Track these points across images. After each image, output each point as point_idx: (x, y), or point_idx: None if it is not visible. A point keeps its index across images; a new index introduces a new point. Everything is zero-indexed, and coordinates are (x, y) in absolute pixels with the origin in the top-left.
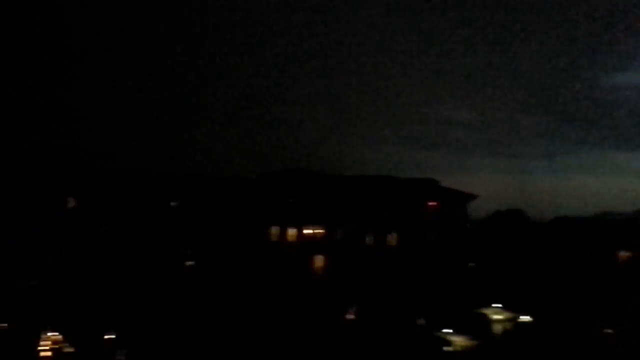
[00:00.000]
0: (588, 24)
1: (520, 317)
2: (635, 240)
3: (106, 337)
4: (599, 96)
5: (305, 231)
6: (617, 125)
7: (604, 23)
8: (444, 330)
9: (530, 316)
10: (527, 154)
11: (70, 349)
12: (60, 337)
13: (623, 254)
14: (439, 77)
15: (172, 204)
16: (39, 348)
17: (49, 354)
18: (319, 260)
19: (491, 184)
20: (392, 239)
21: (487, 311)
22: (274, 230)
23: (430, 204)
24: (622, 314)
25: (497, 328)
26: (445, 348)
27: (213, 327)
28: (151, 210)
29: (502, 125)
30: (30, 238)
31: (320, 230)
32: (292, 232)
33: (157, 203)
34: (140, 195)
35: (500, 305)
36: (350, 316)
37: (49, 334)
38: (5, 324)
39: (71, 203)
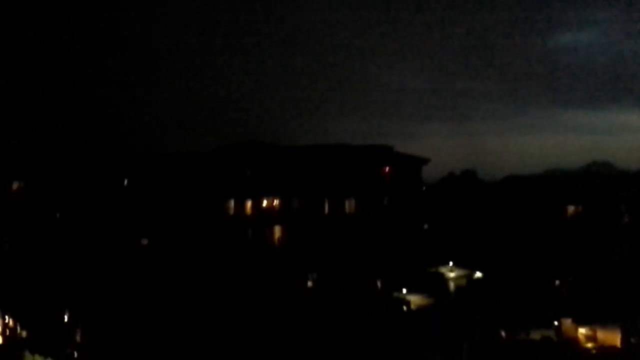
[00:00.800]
0: None
1: (474, 273)
2: (583, 195)
3: (61, 319)
4: (544, 57)
5: (262, 203)
6: (562, 84)
7: None
8: (402, 291)
9: (483, 272)
10: (477, 117)
11: (24, 333)
12: (12, 322)
13: (571, 209)
14: (388, 46)
15: (125, 183)
16: None
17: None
18: (277, 231)
19: (444, 147)
20: (349, 205)
21: (441, 269)
22: (231, 203)
23: (385, 169)
24: (570, 266)
25: (452, 285)
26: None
27: (172, 304)
28: (103, 191)
29: (452, 90)
30: None
31: (278, 201)
32: (249, 204)
33: (109, 183)
34: (90, 176)
35: (453, 263)
36: (310, 283)
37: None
38: None
39: (15, 185)
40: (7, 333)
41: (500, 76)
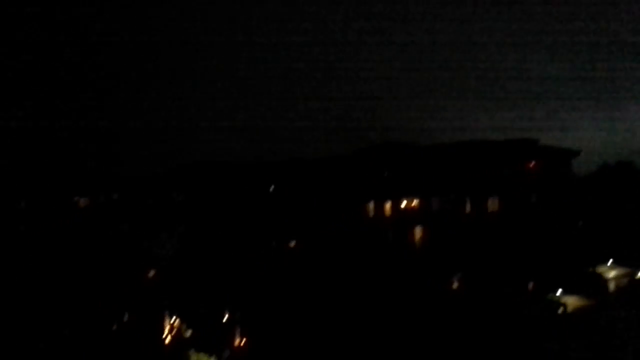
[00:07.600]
0: None
1: (638, 272)
2: None
3: (220, 320)
4: None
5: (401, 204)
6: None
7: None
8: (556, 293)
9: None
10: (628, 102)
11: (188, 333)
12: (178, 322)
13: None
14: (520, 32)
15: (270, 188)
16: None
17: None
18: (418, 232)
19: (595, 137)
20: (493, 204)
21: (600, 269)
22: (371, 205)
23: (531, 164)
24: None
25: (612, 286)
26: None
27: (322, 304)
28: (252, 198)
29: (599, 75)
30: None
31: (417, 202)
32: (388, 206)
33: (256, 190)
34: (237, 184)
35: (612, 262)
36: (455, 285)
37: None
38: None
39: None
40: (174, 333)
41: None
